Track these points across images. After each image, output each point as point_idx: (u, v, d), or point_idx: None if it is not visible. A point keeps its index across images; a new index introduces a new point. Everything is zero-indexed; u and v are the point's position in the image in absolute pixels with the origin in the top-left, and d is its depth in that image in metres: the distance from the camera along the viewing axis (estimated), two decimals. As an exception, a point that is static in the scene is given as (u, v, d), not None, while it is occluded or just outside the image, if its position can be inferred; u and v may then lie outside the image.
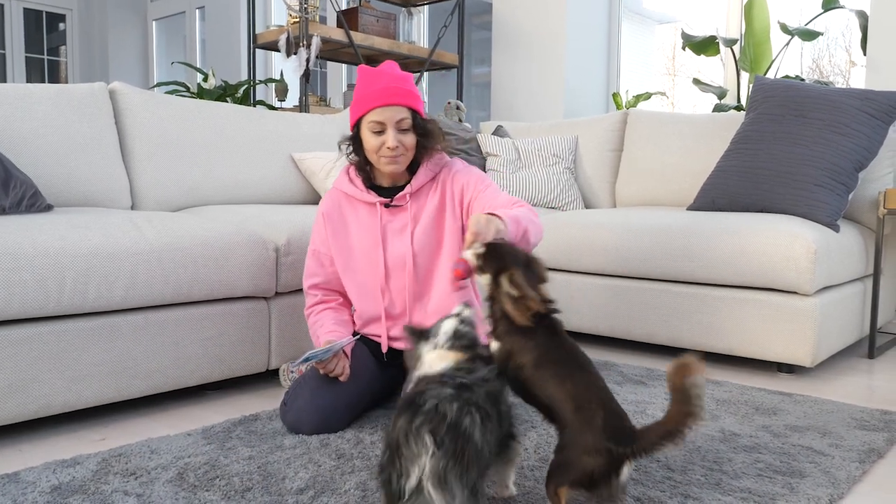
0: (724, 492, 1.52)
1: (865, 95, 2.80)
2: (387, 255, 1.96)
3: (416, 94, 1.93)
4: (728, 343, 2.60)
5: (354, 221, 2.01)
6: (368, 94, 1.88)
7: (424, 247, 1.96)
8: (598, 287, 2.90)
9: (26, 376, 1.81)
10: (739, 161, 2.89)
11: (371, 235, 1.98)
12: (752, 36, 4.12)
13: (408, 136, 1.90)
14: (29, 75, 8.05)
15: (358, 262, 2.00)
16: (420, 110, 1.93)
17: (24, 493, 1.49)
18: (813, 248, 2.40)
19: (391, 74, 1.90)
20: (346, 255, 2.01)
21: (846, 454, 1.75)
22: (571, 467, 1.27)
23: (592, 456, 1.25)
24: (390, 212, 1.98)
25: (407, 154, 1.92)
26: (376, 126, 1.87)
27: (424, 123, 1.94)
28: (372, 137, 1.89)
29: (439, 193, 1.98)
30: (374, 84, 1.88)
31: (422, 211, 1.97)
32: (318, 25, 4.12)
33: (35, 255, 1.80)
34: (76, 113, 2.57)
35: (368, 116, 1.88)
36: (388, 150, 1.88)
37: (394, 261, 1.96)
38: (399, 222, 1.97)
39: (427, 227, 1.96)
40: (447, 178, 1.99)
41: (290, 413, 1.87)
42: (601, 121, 3.78)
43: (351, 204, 2.02)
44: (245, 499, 1.47)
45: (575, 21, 4.67)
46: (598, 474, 1.25)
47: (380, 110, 1.87)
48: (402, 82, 1.90)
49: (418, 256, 1.95)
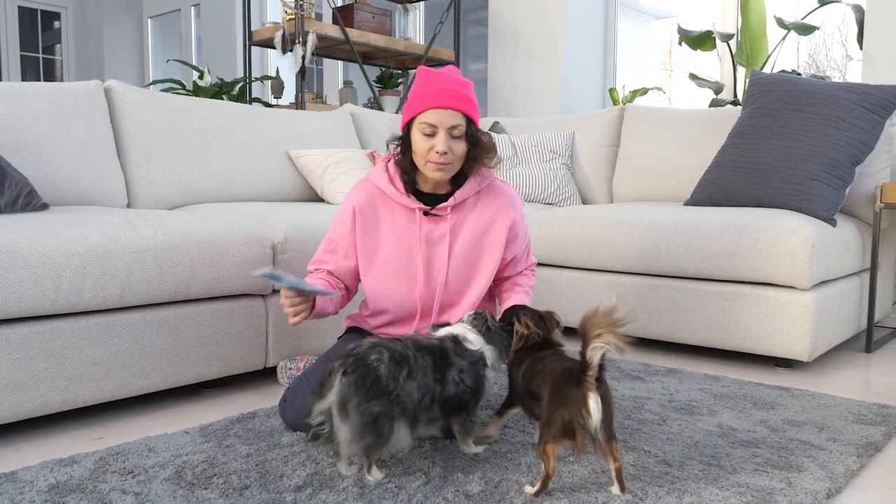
0: (721, 487, 1.53)
1: (862, 90, 2.80)
2: (425, 264, 1.91)
3: (474, 101, 1.85)
4: (725, 338, 2.60)
5: (389, 223, 1.92)
6: (424, 95, 1.81)
7: (460, 262, 1.92)
8: (595, 283, 2.90)
9: (23, 375, 1.81)
10: (736, 156, 2.89)
11: (405, 241, 1.91)
12: (748, 31, 4.12)
13: (459, 144, 1.82)
14: (24, 74, 8.03)
15: (387, 265, 1.92)
16: (476, 120, 1.85)
17: (22, 492, 1.48)
18: (810, 242, 2.40)
19: (450, 78, 1.83)
20: (372, 255, 1.93)
21: (844, 448, 1.75)
22: (550, 425, 1.44)
23: (560, 408, 1.43)
24: (429, 220, 1.91)
25: (455, 163, 1.84)
26: (427, 128, 1.80)
27: (478, 134, 1.86)
28: (422, 140, 1.81)
29: (482, 215, 1.93)
30: (432, 85, 1.81)
31: (461, 226, 1.92)
32: (314, 22, 4.11)
33: (31, 253, 1.79)
34: (72, 111, 2.57)
35: (421, 117, 1.81)
36: (436, 155, 1.80)
37: (429, 270, 1.91)
38: (437, 232, 1.91)
39: (466, 243, 1.92)
40: (494, 204, 1.94)
41: (290, 411, 1.87)
42: (598, 116, 3.78)
43: (387, 203, 1.93)
44: (243, 497, 1.47)
45: (571, 16, 4.66)
46: (569, 420, 1.40)
47: (434, 112, 1.79)
48: (461, 87, 1.82)
49: (452, 270, 1.91)
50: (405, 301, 1.93)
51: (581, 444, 1.40)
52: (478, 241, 1.94)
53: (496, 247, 1.94)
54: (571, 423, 1.40)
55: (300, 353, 2.41)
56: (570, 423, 1.40)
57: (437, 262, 1.91)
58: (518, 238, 1.99)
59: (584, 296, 2.93)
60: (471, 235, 1.93)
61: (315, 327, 2.44)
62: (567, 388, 1.43)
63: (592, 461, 1.65)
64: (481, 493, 1.48)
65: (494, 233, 1.94)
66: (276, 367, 2.39)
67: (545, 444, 1.44)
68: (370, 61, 4.73)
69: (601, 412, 1.39)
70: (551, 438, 1.43)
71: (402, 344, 1.58)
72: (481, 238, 1.94)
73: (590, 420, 1.38)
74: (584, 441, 1.40)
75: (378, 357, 1.51)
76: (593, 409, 1.38)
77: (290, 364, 2.31)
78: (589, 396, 1.39)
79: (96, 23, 8.04)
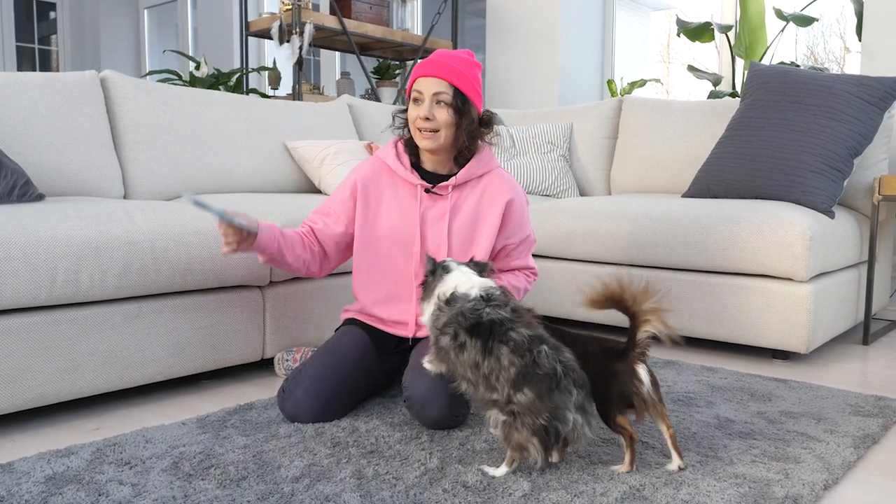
0: (718, 478, 1.53)
1: (860, 81, 2.79)
2: (424, 241, 1.94)
3: (468, 77, 1.88)
4: (723, 330, 2.60)
5: (392, 197, 1.97)
6: (419, 66, 1.89)
7: (458, 241, 1.94)
8: (593, 274, 2.90)
9: (19, 366, 1.80)
10: (735, 148, 2.88)
11: (406, 216, 1.95)
12: (747, 22, 4.11)
13: (442, 112, 1.86)
14: (20, 64, 7.99)
15: (384, 239, 1.96)
16: (469, 94, 1.88)
17: (18, 483, 1.48)
18: (808, 234, 2.40)
19: (452, 53, 1.89)
20: (371, 228, 1.97)
21: (841, 440, 1.76)
22: (610, 400, 1.56)
23: (613, 383, 1.55)
24: (430, 198, 1.95)
25: (441, 132, 1.88)
26: (416, 95, 1.88)
27: (465, 104, 1.88)
28: (412, 108, 1.89)
29: (483, 197, 1.96)
30: (430, 58, 1.89)
31: (460, 205, 1.95)
32: (311, 13, 4.09)
33: (26, 244, 1.78)
34: (67, 101, 2.55)
35: (413, 86, 1.89)
36: (420, 121, 1.86)
37: (426, 246, 1.94)
38: (437, 210, 1.95)
39: (464, 223, 1.95)
40: (495, 187, 1.96)
41: (289, 402, 1.86)
42: (596, 108, 3.76)
43: (391, 178, 1.98)
44: (240, 487, 1.47)
45: (569, 8, 4.65)
46: (626, 391, 1.54)
47: (422, 80, 1.87)
48: (455, 60, 1.88)
49: (452, 249, 1.94)
50: (400, 275, 1.96)
51: (641, 409, 1.55)
52: (475, 221, 1.96)
53: (492, 227, 1.95)
54: (627, 393, 1.54)
55: (297, 344, 2.40)
56: (627, 393, 1.54)
57: (435, 238, 1.94)
58: (513, 221, 1.99)
59: (581, 287, 2.92)
60: (469, 215, 1.95)
61: (312, 319, 2.44)
62: (614, 365, 1.57)
63: (590, 452, 1.66)
64: (479, 484, 1.48)
65: (492, 214, 1.96)
66: (273, 359, 2.39)
67: (614, 417, 1.56)
68: (367, 52, 4.71)
69: (650, 379, 1.55)
70: (617, 411, 1.56)
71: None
72: (479, 219, 1.96)
73: (643, 387, 1.54)
74: (642, 407, 1.54)
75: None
76: (644, 377, 1.54)
77: (287, 355, 2.31)
78: (638, 367, 1.55)
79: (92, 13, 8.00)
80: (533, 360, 1.48)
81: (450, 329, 1.57)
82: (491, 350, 1.51)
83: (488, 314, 1.54)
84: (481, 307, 1.56)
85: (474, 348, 1.52)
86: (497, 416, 1.51)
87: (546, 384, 1.46)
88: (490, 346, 1.51)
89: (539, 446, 1.47)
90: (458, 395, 1.69)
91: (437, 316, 1.62)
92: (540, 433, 1.46)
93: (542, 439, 1.46)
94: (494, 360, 1.51)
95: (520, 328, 1.53)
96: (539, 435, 1.46)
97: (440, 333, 1.59)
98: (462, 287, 1.61)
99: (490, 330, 1.53)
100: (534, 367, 1.48)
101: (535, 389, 1.46)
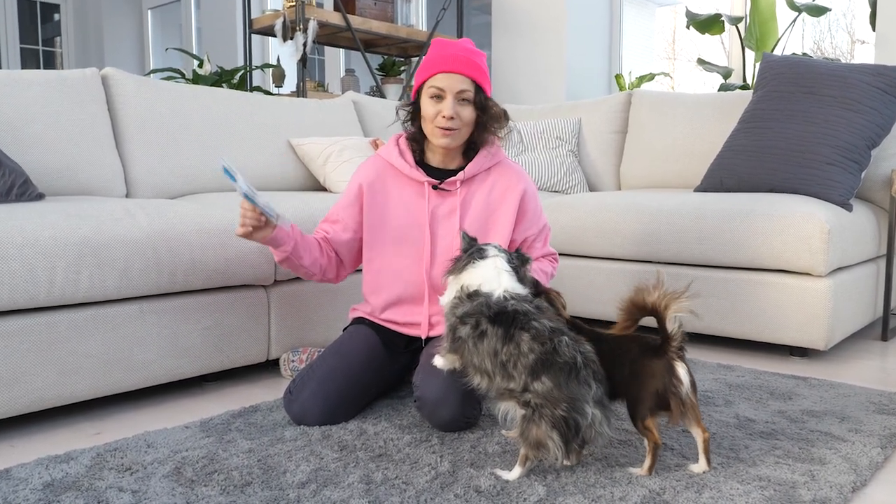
0: (741, 480, 1.47)
1: (877, 71, 2.73)
2: (435, 239, 1.89)
3: (485, 70, 1.84)
4: (739, 327, 2.53)
5: (397, 197, 1.91)
6: (435, 59, 1.81)
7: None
8: (606, 271, 2.84)
9: (18, 369, 1.75)
10: (748, 140, 2.81)
11: (414, 216, 1.89)
12: (757, 13, 4.05)
13: (466, 109, 1.81)
14: (24, 66, 7.99)
15: (393, 241, 1.91)
16: (486, 89, 1.84)
17: (16, 490, 1.43)
18: (826, 228, 2.34)
19: (462, 46, 1.83)
20: (379, 230, 1.92)
21: (867, 439, 1.69)
22: (643, 400, 1.47)
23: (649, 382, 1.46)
24: (438, 195, 1.89)
25: (462, 130, 1.83)
26: (436, 92, 1.79)
27: (486, 100, 1.84)
28: (430, 104, 1.81)
29: (493, 190, 1.90)
30: (443, 51, 1.81)
31: (470, 200, 1.90)
32: (315, 9, 4.04)
33: (24, 244, 1.73)
34: (68, 99, 2.50)
35: (430, 81, 1.80)
36: (443, 120, 1.79)
37: (437, 245, 1.88)
38: (446, 207, 1.89)
39: (476, 218, 1.89)
40: (505, 179, 1.91)
41: (296, 404, 1.81)
42: (605, 102, 3.70)
43: (396, 177, 1.92)
44: (245, 493, 1.41)
45: (576, 3, 4.59)
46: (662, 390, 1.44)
47: (443, 76, 1.79)
48: (472, 54, 1.82)
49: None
50: (411, 276, 1.90)
51: (677, 412, 1.45)
52: (488, 215, 1.90)
53: (507, 221, 1.90)
54: (664, 393, 1.45)
55: (303, 344, 2.35)
56: (664, 393, 1.45)
57: (446, 236, 1.88)
58: (529, 212, 1.94)
59: (592, 284, 2.86)
60: (481, 210, 1.90)
61: (319, 318, 2.39)
62: (650, 362, 1.48)
63: (607, 455, 1.60)
64: (493, 488, 1.42)
65: (505, 207, 1.90)
66: (279, 360, 2.34)
67: (643, 419, 1.47)
68: (372, 49, 4.66)
69: (689, 378, 1.46)
70: (648, 412, 1.47)
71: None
72: (492, 213, 1.90)
73: (681, 387, 1.44)
74: (678, 409, 1.45)
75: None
76: (683, 376, 1.45)
77: (293, 356, 2.26)
78: (677, 365, 1.46)
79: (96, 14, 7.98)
80: (553, 348, 1.43)
81: (471, 319, 1.51)
82: (511, 336, 1.47)
83: (513, 305, 1.50)
84: (506, 300, 1.52)
85: (495, 336, 1.48)
86: (515, 412, 1.46)
87: (565, 373, 1.42)
88: (511, 332, 1.47)
89: (559, 441, 1.41)
90: (470, 396, 1.64)
91: (456, 304, 1.56)
92: (560, 426, 1.40)
93: (562, 433, 1.41)
94: (514, 346, 1.46)
95: (542, 319, 1.49)
96: (559, 428, 1.40)
97: (459, 323, 1.54)
98: (486, 287, 1.55)
99: (513, 318, 1.48)
100: (554, 354, 1.43)
101: (554, 378, 1.41)
